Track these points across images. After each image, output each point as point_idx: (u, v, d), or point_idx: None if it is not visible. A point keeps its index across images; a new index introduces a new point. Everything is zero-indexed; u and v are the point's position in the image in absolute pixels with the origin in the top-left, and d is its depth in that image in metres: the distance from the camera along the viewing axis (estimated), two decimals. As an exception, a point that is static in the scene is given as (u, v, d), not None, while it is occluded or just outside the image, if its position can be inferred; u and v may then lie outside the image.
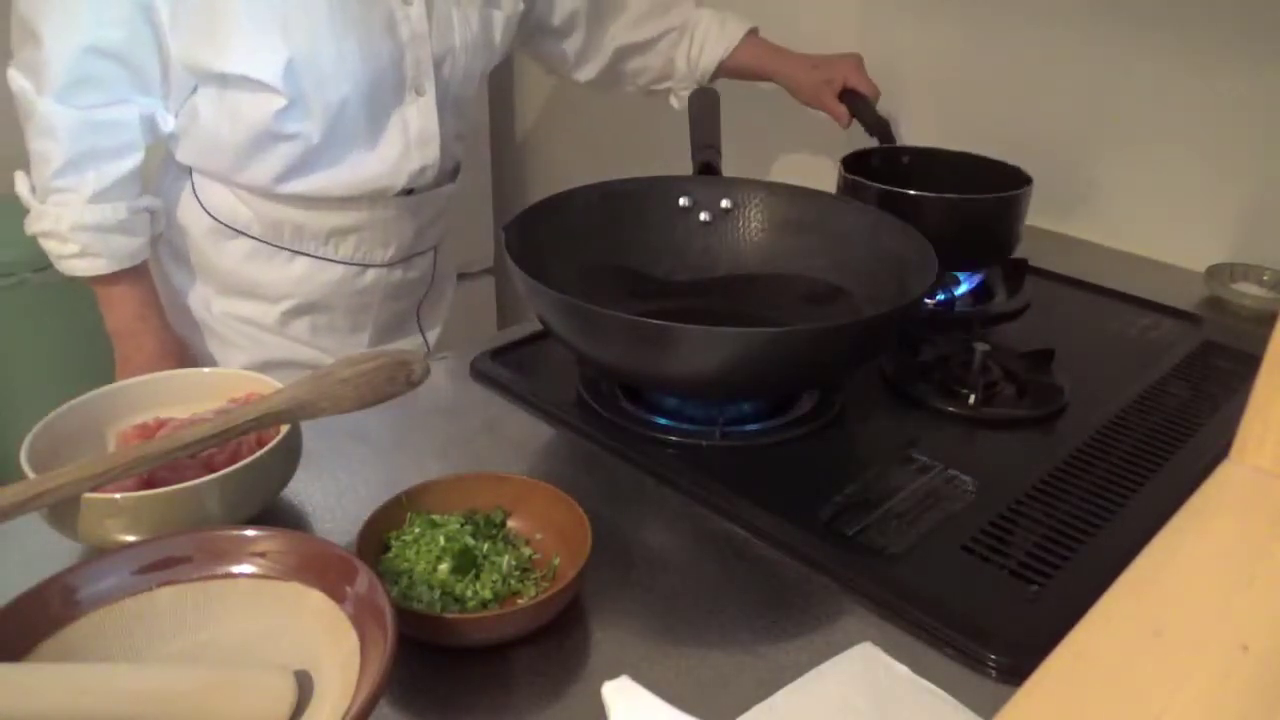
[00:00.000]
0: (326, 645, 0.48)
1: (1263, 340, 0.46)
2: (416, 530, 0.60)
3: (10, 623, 0.46)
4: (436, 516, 0.61)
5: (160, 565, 0.51)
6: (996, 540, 0.65)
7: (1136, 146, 1.19)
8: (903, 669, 0.53)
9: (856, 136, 1.20)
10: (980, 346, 0.85)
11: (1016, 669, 0.54)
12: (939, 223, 0.82)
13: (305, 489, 0.70)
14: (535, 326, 0.89)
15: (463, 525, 0.60)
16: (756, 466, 0.73)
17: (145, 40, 0.91)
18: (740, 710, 0.50)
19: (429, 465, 0.74)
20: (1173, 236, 1.17)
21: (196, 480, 0.57)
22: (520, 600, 0.57)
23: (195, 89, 0.96)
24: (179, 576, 0.51)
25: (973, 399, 0.82)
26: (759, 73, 1.25)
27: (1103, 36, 1.18)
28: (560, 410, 0.80)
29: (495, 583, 0.57)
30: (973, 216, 0.99)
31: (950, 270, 1.02)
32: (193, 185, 1.04)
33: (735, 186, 0.95)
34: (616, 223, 0.92)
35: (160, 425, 0.65)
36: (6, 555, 0.62)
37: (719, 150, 1.00)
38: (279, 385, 0.66)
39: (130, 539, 0.55)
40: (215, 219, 1.04)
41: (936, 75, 1.35)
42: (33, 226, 0.95)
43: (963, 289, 1.03)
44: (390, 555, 0.59)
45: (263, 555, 0.51)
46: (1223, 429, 0.77)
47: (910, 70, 1.36)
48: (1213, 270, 1.10)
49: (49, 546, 0.60)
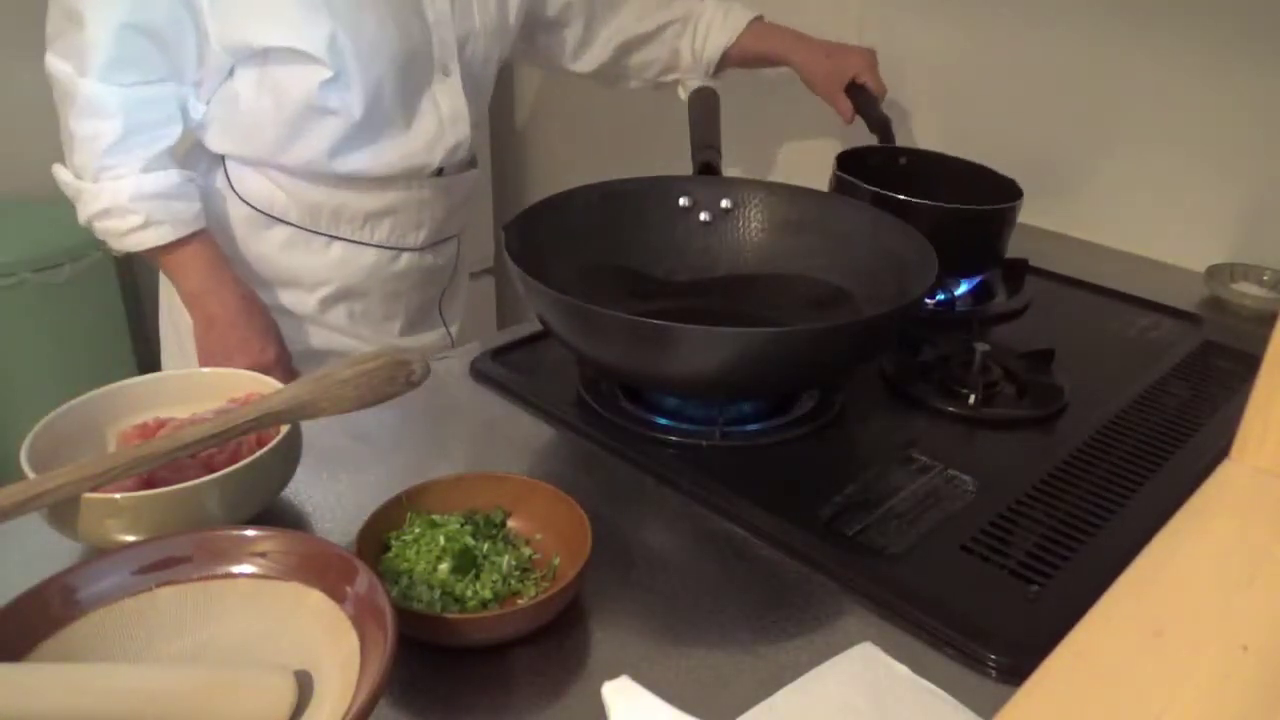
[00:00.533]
0: (326, 645, 0.48)
1: (1263, 340, 0.46)
2: (416, 530, 0.60)
3: (10, 623, 0.46)
4: (436, 516, 0.61)
5: (160, 565, 0.51)
6: (996, 540, 0.65)
7: (1137, 146, 1.19)
8: (903, 669, 0.53)
9: (855, 136, 1.20)
10: (980, 346, 0.85)
11: (1016, 669, 0.54)
12: (927, 229, 0.83)
13: (305, 489, 0.70)
14: (535, 326, 0.89)
15: (463, 525, 0.60)
16: (756, 466, 0.73)
17: (183, 21, 0.92)
18: (740, 710, 0.50)
19: (429, 465, 0.74)
20: (1173, 236, 1.17)
21: (196, 480, 0.57)
22: (520, 600, 0.57)
23: (231, 73, 0.97)
24: (179, 576, 0.51)
25: (973, 399, 0.82)
26: (771, 57, 1.23)
27: (1103, 37, 1.18)
28: (560, 410, 0.80)
29: (495, 583, 0.57)
30: (961, 225, 0.99)
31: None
32: (227, 175, 1.04)
33: (735, 186, 0.95)
34: (616, 223, 0.93)
35: (160, 425, 0.65)
36: (6, 555, 0.62)
37: (719, 150, 1.00)
38: (279, 385, 0.66)
39: (130, 539, 0.55)
40: (252, 207, 1.04)
41: (937, 74, 1.35)
42: (89, 209, 0.94)
43: (963, 289, 1.03)
44: (390, 555, 0.59)
45: (263, 555, 0.52)
46: (1223, 429, 0.77)
47: (911, 69, 1.36)
48: (1213, 270, 1.10)
49: (49, 546, 0.60)
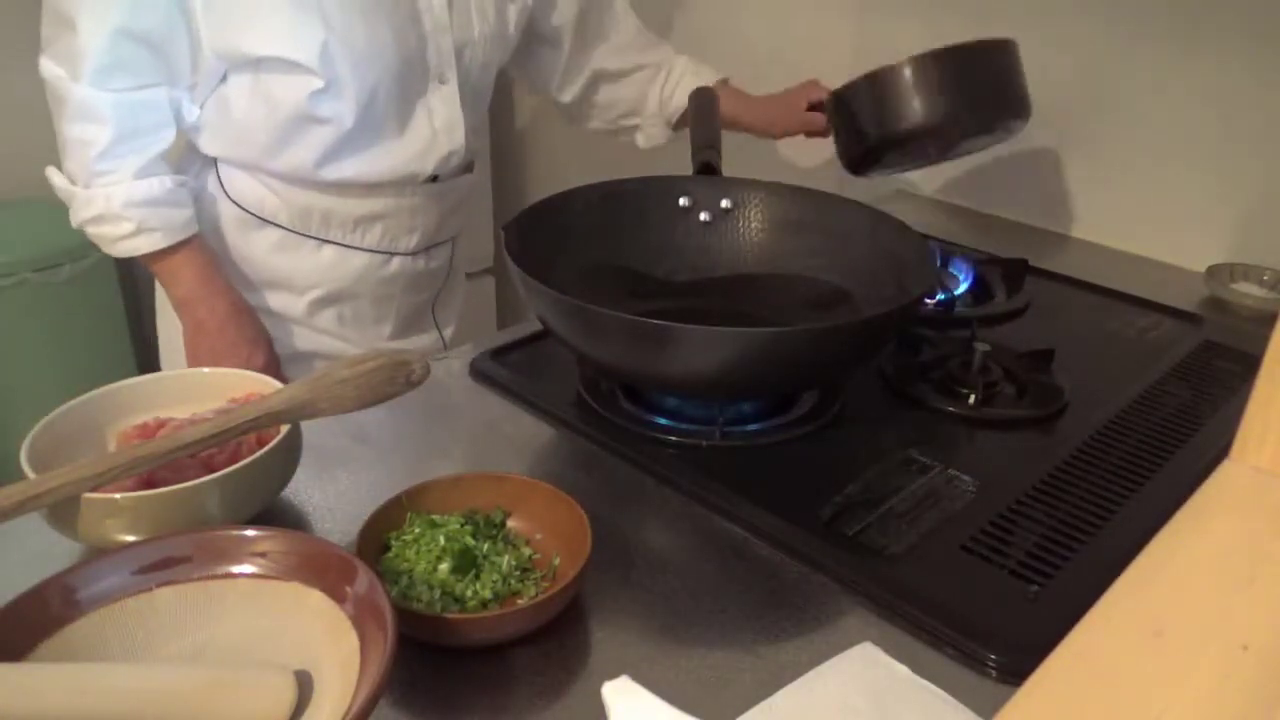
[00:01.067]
0: (326, 645, 0.48)
1: (1263, 340, 0.46)
2: (416, 530, 0.60)
3: (10, 623, 0.46)
4: (436, 516, 0.61)
5: (160, 565, 0.51)
6: (996, 540, 0.65)
7: (1137, 146, 1.19)
8: (903, 669, 0.53)
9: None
10: (980, 346, 0.85)
11: (1016, 669, 0.54)
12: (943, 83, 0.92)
13: (305, 489, 0.70)
14: (535, 326, 0.89)
15: (463, 525, 0.60)
16: (756, 466, 0.73)
17: (177, 27, 0.92)
18: (740, 710, 0.50)
19: (429, 465, 0.74)
20: (1173, 236, 1.17)
21: (196, 480, 0.57)
22: (520, 600, 0.57)
23: (225, 79, 0.97)
24: (179, 576, 0.51)
25: (973, 399, 0.82)
26: (726, 120, 1.21)
27: (1103, 36, 1.18)
28: (560, 410, 0.80)
29: (495, 583, 0.57)
30: (971, 70, 1.04)
31: (976, 133, 1.07)
32: (219, 176, 1.04)
33: (735, 186, 0.95)
34: (616, 223, 0.93)
35: (160, 425, 0.65)
36: (6, 555, 0.62)
37: (719, 150, 1.00)
38: (279, 385, 0.66)
39: (130, 539, 0.55)
40: (243, 209, 1.04)
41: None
42: (81, 214, 0.94)
43: (962, 289, 1.03)
44: (390, 555, 0.59)
45: (263, 555, 0.52)
46: (1223, 429, 0.77)
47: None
48: (1213, 270, 1.10)
49: (49, 546, 0.60)
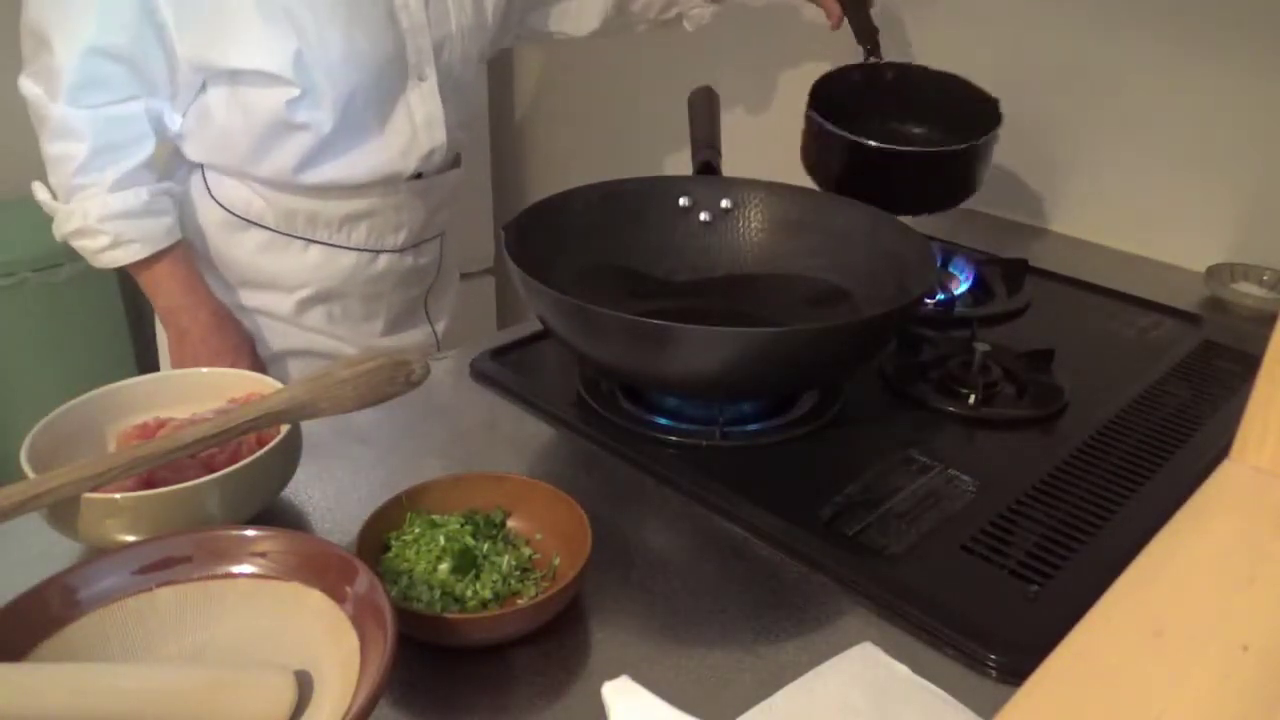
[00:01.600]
0: (326, 645, 0.48)
1: (1263, 340, 0.46)
2: (416, 530, 0.60)
3: (10, 623, 0.46)
4: (436, 516, 0.61)
5: (160, 565, 0.51)
6: (996, 540, 0.65)
7: (1137, 146, 1.19)
8: (903, 669, 0.53)
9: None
10: (980, 346, 0.85)
11: (1016, 669, 0.54)
12: (903, 175, 0.85)
13: (305, 489, 0.70)
14: (535, 326, 0.89)
15: (463, 525, 0.60)
16: (756, 466, 0.73)
17: (150, 42, 0.92)
18: (740, 710, 0.50)
19: (429, 465, 0.74)
20: (1173, 236, 1.17)
21: (196, 480, 0.57)
22: (520, 600, 0.57)
23: (205, 88, 0.97)
24: (179, 576, 0.51)
25: (973, 399, 0.82)
26: None
27: (1103, 36, 1.18)
28: (560, 410, 0.80)
29: (495, 583, 0.57)
30: (935, 169, 1.02)
31: (911, 214, 1.03)
32: (204, 180, 1.05)
33: (735, 186, 0.95)
34: (616, 223, 0.93)
35: (160, 425, 0.65)
36: (6, 555, 0.62)
37: (719, 150, 1.00)
38: (279, 385, 0.66)
39: (130, 539, 0.55)
40: (229, 211, 1.05)
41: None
42: (62, 229, 0.96)
43: (963, 289, 1.03)
44: (390, 555, 0.59)
45: (263, 555, 0.52)
46: (1223, 429, 0.77)
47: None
48: (1213, 270, 1.10)
49: (49, 546, 0.60)
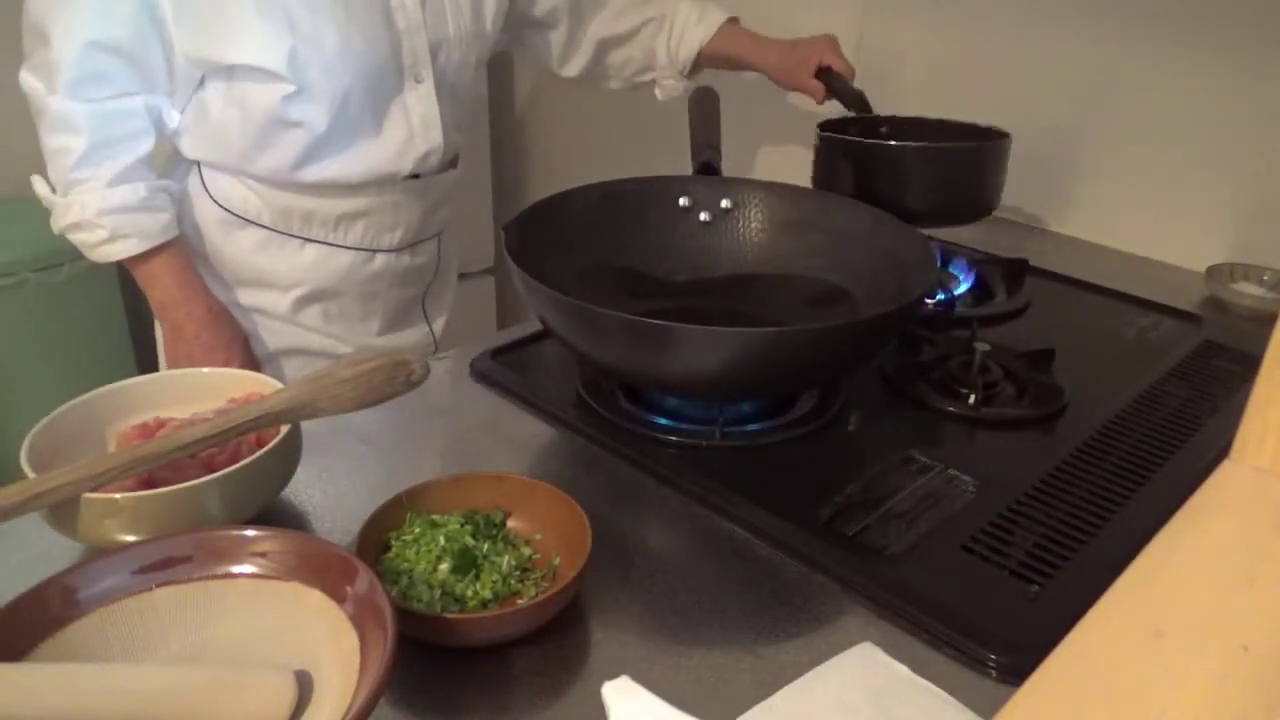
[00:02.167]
0: (326, 645, 0.48)
1: (1263, 340, 0.46)
2: (416, 530, 0.60)
3: (10, 623, 0.46)
4: (436, 516, 0.61)
5: (160, 565, 0.51)
6: (996, 540, 0.65)
7: (1136, 146, 1.19)
8: (903, 669, 0.53)
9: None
10: (980, 346, 0.85)
11: (1016, 669, 0.54)
12: (918, 174, 0.84)
13: (305, 489, 0.70)
14: (535, 326, 0.89)
15: (463, 525, 0.60)
16: (756, 466, 0.73)
17: (150, 37, 0.93)
18: (740, 710, 0.50)
19: (429, 465, 0.74)
20: (1173, 236, 1.17)
21: (196, 480, 0.57)
22: (520, 600, 0.57)
23: (202, 83, 0.98)
24: (179, 576, 0.51)
25: (973, 399, 0.82)
26: (737, 61, 1.25)
27: (1103, 36, 1.18)
28: (560, 410, 0.80)
29: (495, 583, 0.57)
30: (950, 167, 1.00)
31: (931, 225, 1.03)
32: (201, 178, 1.05)
33: (735, 186, 0.95)
34: (616, 223, 0.93)
35: (160, 425, 0.65)
36: (6, 555, 0.62)
37: (719, 150, 1.00)
38: (279, 385, 0.66)
39: (130, 539, 0.55)
40: (225, 209, 1.05)
41: (935, 75, 1.35)
42: (60, 222, 0.96)
43: (962, 289, 1.03)
44: (390, 555, 0.59)
45: (263, 555, 0.51)
46: (1223, 429, 0.77)
47: (908, 72, 1.36)
48: (1213, 270, 1.10)
49: (49, 546, 0.60)
